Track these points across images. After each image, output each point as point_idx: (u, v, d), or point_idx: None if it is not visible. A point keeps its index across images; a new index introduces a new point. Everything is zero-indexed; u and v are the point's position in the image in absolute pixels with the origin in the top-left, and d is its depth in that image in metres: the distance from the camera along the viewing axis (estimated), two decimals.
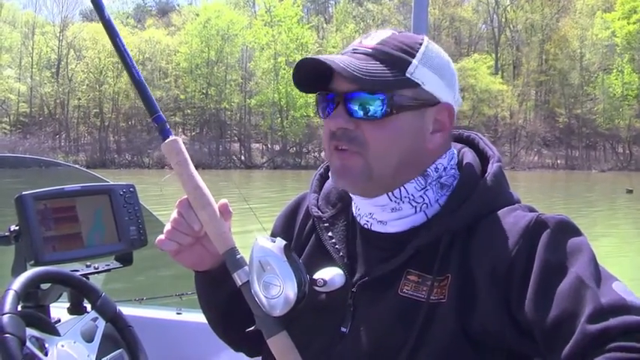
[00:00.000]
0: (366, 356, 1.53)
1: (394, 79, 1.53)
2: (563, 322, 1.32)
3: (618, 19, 71.18)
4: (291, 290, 1.48)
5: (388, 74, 1.53)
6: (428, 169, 1.59)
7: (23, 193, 2.45)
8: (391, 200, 1.58)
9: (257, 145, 74.60)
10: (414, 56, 1.56)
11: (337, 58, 1.53)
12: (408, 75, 1.54)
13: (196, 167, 1.67)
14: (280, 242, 1.54)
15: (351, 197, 1.70)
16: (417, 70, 1.55)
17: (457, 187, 1.60)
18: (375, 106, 1.52)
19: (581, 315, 1.30)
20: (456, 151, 1.68)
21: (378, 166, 1.55)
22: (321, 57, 1.52)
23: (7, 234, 2.49)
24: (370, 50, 1.56)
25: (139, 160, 66.17)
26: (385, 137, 1.54)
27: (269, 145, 73.77)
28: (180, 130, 70.66)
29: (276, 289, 1.49)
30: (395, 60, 1.55)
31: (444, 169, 1.62)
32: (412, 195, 1.58)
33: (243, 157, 71.61)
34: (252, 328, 1.55)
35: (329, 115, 1.56)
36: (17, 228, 2.47)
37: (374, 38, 1.59)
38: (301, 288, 1.50)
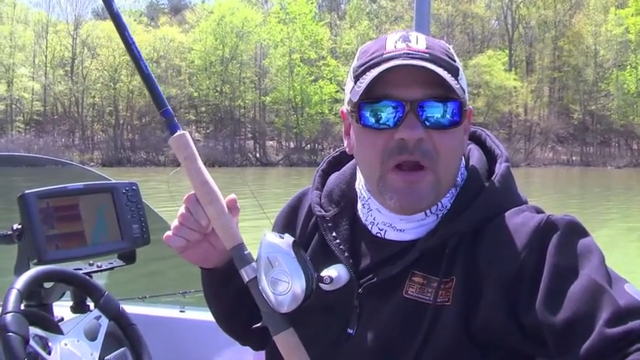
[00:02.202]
0: (371, 358, 1.51)
1: (458, 85, 1.47)
2: (577, 323, 1.28)
3: (632, 15, 70.96)
4: (298, 287, 1.46)
5: (454, 81, 1.45)
6: (457, 178, 1.57)
7: (26, 191, 2.46)
8: (426, 216, 1.54)
9: (271, 142, 74.80)
10: (455, 61, 1.52)
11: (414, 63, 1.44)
12: (459, 81, 1.49)
13: (212, 165, 1.63)
14: (289, 238, 1.52)
15: (355, 197, 1.66)
16: (462, 75, 1.51)
17: (463, 188, 1.56)
18: (451, 115, 1.46)
19: (597, 317, 1.26)
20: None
21: (446, 180, 1.51)
22: (417, 63, 1.43)
23: (9, 233, 2.50)
24: (427, 55, 1.47)
25: (154, 158, 66.30)
26: (453, 147, 1.50)
27: (284, 143, 73.96)
28: (194, 127, 70.96)
29: (283, 286, 1.47)
30: (449, 65, 1.48)
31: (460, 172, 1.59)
32: (445, 207, 1.54)
33: (258, 155, 71.78)
34: (259, 324, 1.53)
35: (398, 125, 1.45)
36: (20, 227, 2.48)
37: (419, 41, 1.50)
38: (309, 285, 1.47)
